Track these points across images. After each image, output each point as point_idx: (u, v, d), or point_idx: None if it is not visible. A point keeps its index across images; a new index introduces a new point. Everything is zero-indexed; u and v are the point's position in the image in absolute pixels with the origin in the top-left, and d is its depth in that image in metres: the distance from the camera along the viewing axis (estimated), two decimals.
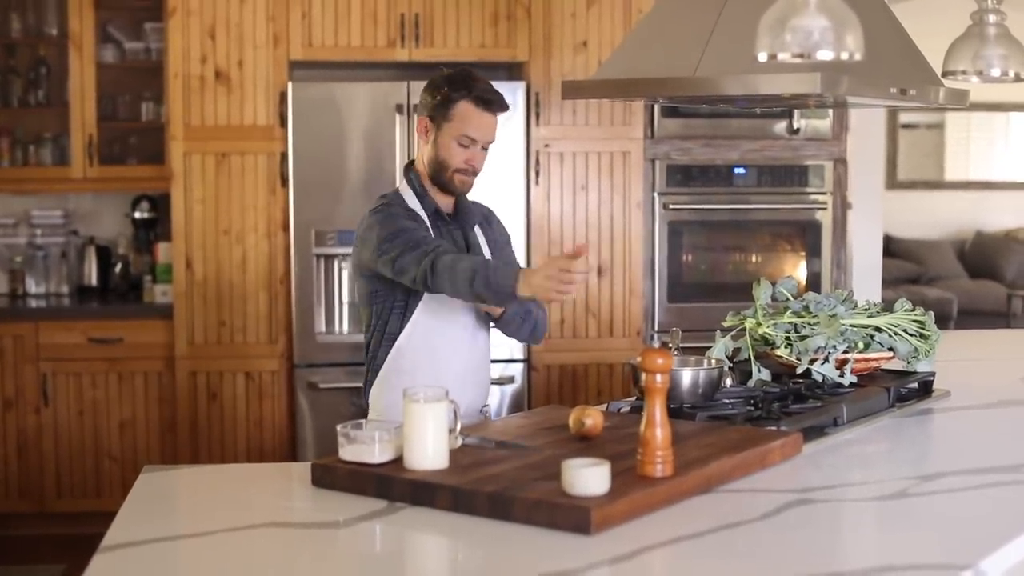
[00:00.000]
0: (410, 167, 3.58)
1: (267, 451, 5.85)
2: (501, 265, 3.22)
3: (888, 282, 9.52)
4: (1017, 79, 3.76)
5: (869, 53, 2.62)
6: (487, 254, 3.59)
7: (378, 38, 5.80)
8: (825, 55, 2.48)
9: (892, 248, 10.96)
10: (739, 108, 5.49)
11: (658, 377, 2.64)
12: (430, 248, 3.27)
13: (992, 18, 3.75)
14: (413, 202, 3.51)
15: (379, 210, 3.47)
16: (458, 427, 2.89)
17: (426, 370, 3.42)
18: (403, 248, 3.31)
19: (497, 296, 3.20)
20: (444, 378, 3.28)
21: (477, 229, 3.62)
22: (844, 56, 2.49)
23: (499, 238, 3.69)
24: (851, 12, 2.52)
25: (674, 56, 3.38)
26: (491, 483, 2.59)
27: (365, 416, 3.57)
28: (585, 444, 2.92)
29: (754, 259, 6.20)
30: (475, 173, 3.52)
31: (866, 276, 6.30)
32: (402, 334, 3.48)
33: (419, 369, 3.44)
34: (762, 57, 2.53)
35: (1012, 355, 4.60)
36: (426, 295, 3.43)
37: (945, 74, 3.80)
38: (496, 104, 3.47)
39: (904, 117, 11.56)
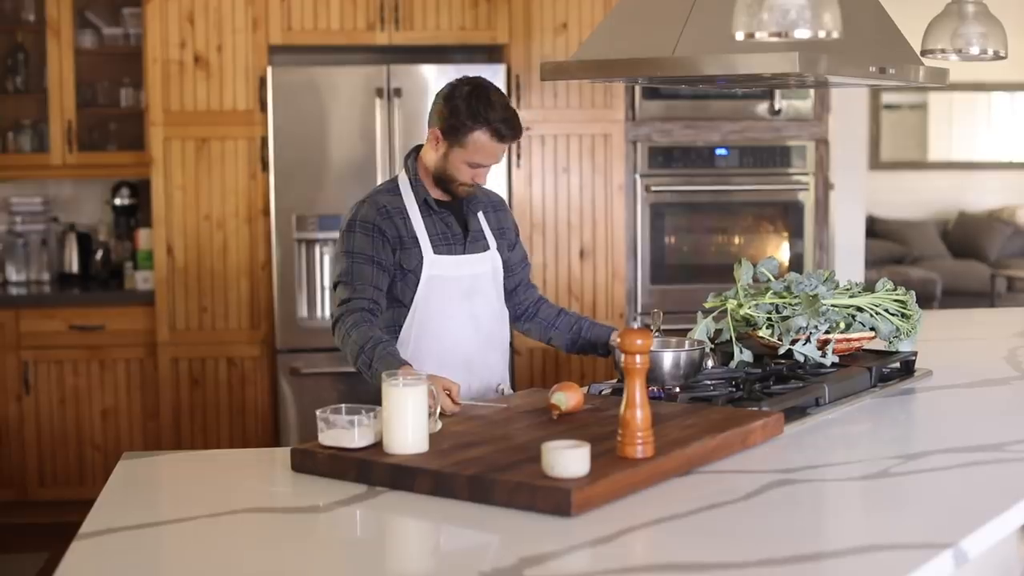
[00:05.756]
0: (412, 155, 3.54)
1: (250, 437, 5.84)
2: (388, 354, 3.22)
3: (872, 262, 9.53)
4: (996, 57, 3.75)
5: (848, 31, 2.61)
6: (491, 241, 3.58)
7: (358, 21, 5.78)
8: (802, 33, 2.47)
9: (876, 228, 10.97)
10: (720, 88, 5.48)
11: (637, 358, 2.63)
12: (351, 296, 3.35)
13: None
14: (406, 190, 3.49)
15: (351, 219, 3.46)
16: (437, 411, 2.89)
17: (431, 356, 3.42)
18: (339, 278, 3.42)
19: (373, 379, 3.24)
20: (451, 362, 3.40)
21: (482, 215, 3.60)
22: (821, 34, 2.48)
23: (506, 227, 3.67)
24: None
25: (653, 36, 3.36)
26: (471, 466, 2.59)
27: (349, 401, 3.55)
28: (566, 426, 2.92)
29: (737, 240, 6.19)
30: (478, 186, 3.53)
31: (849, 256, 6.30)
32: (404, 325, 3.47)
33: (424, 355, 3.42)
34: (739, 36, 2.52)
35: (994, 334, 4.60)
36: (419, 291, 3.44)
37: (924, 52, 3.78)
38: (511, 136, 3.42)
39: (886, 98, 11.56)
